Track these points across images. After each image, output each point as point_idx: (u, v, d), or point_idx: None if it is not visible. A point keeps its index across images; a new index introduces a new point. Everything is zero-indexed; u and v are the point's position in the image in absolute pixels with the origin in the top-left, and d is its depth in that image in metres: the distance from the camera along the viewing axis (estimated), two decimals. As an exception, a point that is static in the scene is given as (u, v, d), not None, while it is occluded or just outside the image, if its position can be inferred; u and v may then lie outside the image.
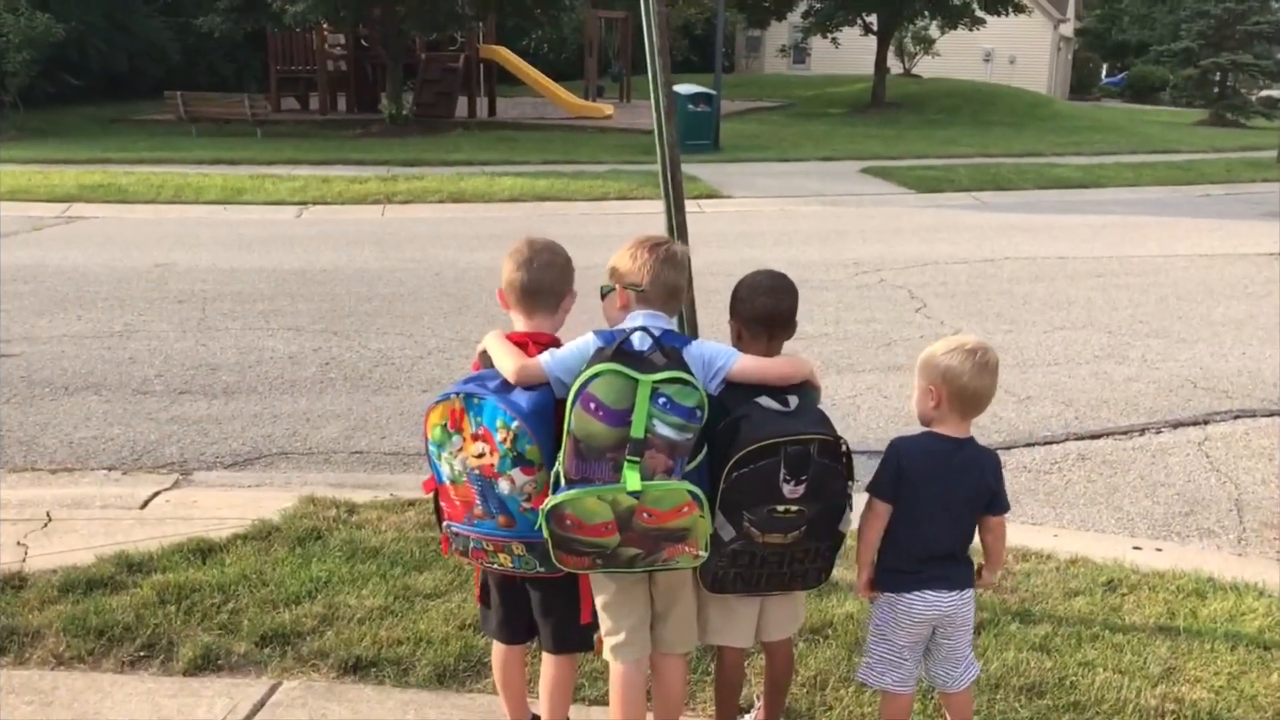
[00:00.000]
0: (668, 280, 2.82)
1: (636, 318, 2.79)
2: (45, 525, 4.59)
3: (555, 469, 2.62)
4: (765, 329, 2.92)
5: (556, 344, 2.83)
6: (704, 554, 2.65)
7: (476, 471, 2.68)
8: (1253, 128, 32.87)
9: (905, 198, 16.20)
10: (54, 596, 3.85)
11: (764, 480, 2.65)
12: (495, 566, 2.80)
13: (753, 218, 14.06)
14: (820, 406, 2.83)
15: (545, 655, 2.99)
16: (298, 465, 5.58)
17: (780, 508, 2.67)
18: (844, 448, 2.71)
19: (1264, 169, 19.79)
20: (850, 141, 23.38)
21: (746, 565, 2.73)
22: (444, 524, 2.84)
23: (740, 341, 2.96)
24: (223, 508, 4.86)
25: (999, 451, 5.62)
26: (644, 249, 2.84)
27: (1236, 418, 6.44)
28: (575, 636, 2.94)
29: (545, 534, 2.60)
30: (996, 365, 2.83)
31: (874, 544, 2.88)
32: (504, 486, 2.67)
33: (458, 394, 2.69)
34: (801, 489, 2.65)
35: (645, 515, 2.57)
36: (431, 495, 2.84)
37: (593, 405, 2.55)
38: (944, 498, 2.80)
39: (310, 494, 4.90)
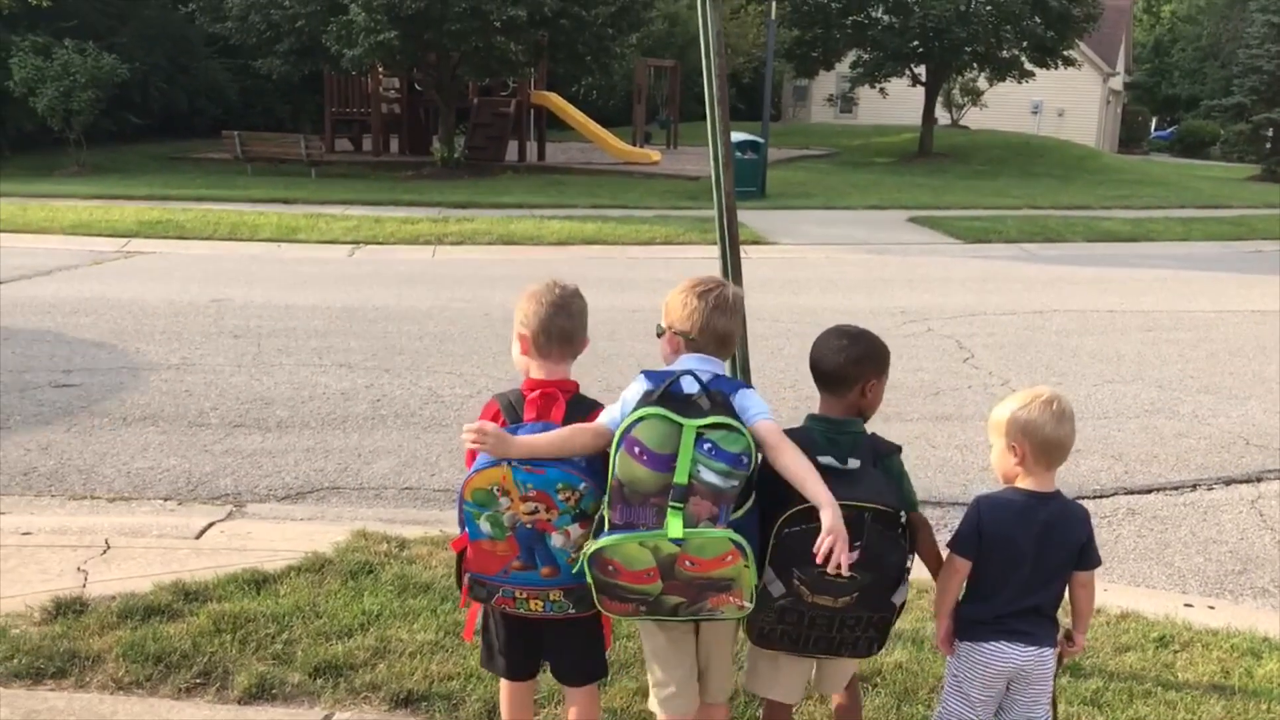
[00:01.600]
0: (717, 327, 2.77)
1: (686, 361, 2.77)
2: (104, 552, 4.68)
3: (600, 513, 2.61)
4: (824, 385, 2.91)
5: (578, 389, 2.85)
6: (749, 605, 2.62)
7: (529, 526, 2.66)
8: (1306, 184, 32.53)
9: (952, 248, 16.18)
10: (113, 622, 3.93)
11: (814, 541, 2.59)
12: (521, 611, 2.78)
13: (799, 264, 14.11)
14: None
15: (570, 692, 2.97)
16: (349, 500, 5.66)
17: (831, 572, 2.62)
18: (902, 519, 2.66)
19: (1318, 226, 19.56)
20: (897, 191, 23.41)
21: (794, 624, 2.70)
22: (466, 574, 2.81)
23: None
24: (276, 540, 4.94)
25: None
26: (694, 294, 2.80)
27: (1290, 476, 6.37)
28: (597, 664, 2.96)
29: (588, 579, 2.60)
30: (1072, 413, 2.83)
31: (952, 599, 2.86)
32: (558, 540, 2.67)
33: (508, 462, 2.65)
34: (856, 554, 2.59)
35: (688, 563, 2.54)
36: (458, 552, 2.81)
37: (636, 449, 2.53)
38: (1031, 553, 2.77)
39: (362, 528, 4.97)
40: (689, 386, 2.63)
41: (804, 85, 46.91)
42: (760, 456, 2.66)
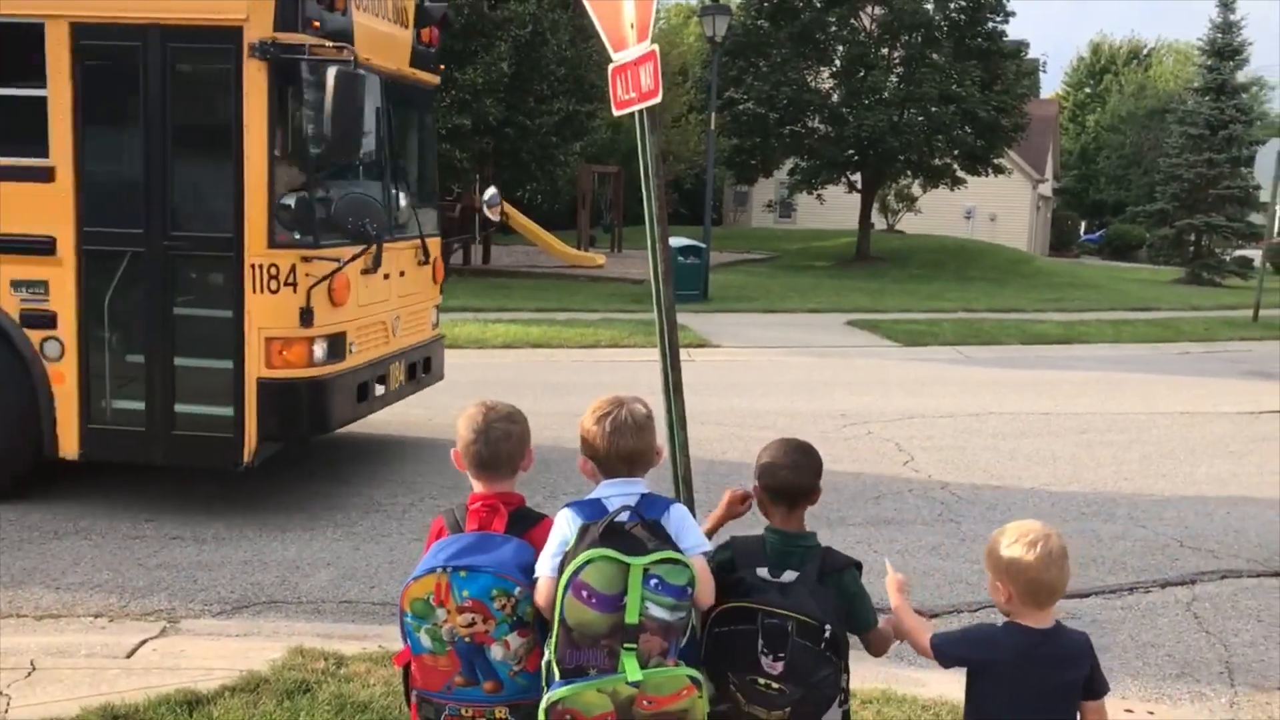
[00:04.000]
0: (622, 448, 2.79)
1: (605, 488, 2.80)
2: (29, 675, 4.55)
3: (547, 658, 2.59)
4: (785, 501, 2.95)
5: (522, 502, 2.88)
6: None
7: (467, 639, 2.65)
8: (1228, 286, 33.72)
9: (891, 350, 16.48)
10: (36, 750, 3.80)
11: (743, 645, 2.65)
12: None
13: (741, 367, 14.26)
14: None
15: None
16: (286, 614, 5.54)
17: (761, 680, 2.66)
18: (827, 633, 2.66)
19: (1241, 328, 20.22)
20: (836, 294, 23.88)
21: None
22: (413, 692, 2.79)
23: (761, 506, 3.00)
24: (210, 658, 4.82)
25: (982, 609, 5.67)
26: (594, 420, 2.84)
27: (1223, 577, 6.48)
28: None
29: None
30: (1064, 550, 2.72)
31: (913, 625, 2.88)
32: (497, 652, 2.66)
33: (444, 568, 2.67)
34: (780, 666, 2.63)
35: (645, 702, 2.54)
36: (402, 667, 2.81)
37: (585, 593, 2.52)
38: (1037, 696, 2.68)
39: (299, 645, 4.88)
40: (625, 518, 2.62)
41: (744, 191, 48.01)
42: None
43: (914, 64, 30.88)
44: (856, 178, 32.96)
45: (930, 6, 31.20)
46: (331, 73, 6.02)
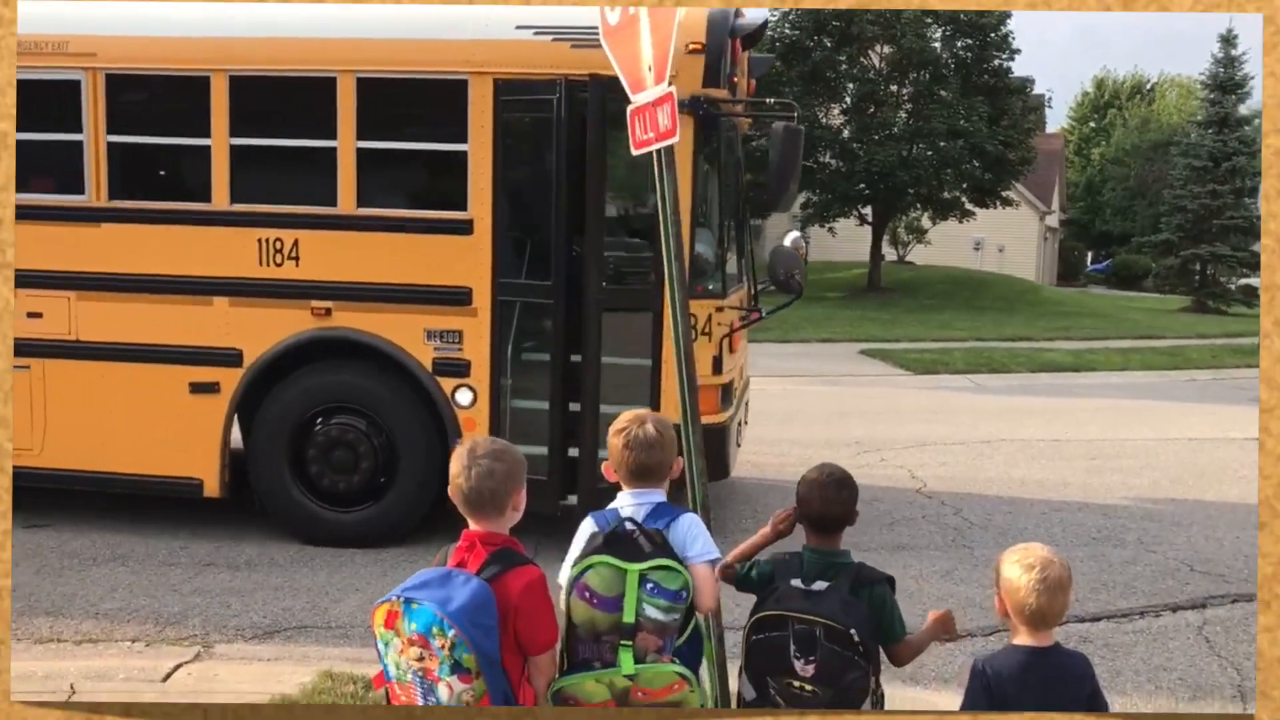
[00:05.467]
0: (633, 463, 2.99)
1: (622, 498, 3.03)
2: (69, 698, 4.68)
3: (559, 647, 2.85)
4: (820, 527, 3.15)
5: (512, 544, 2.86)
6: None
7: (420, 674, 2.71)
8: (1234, 315, 33.69)
9: (903, 379, 16.61)
10: (79, 770, 3.93)
11: (777, 651, 2.89)
12: None
13: (756, 397, 14.23)
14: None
15: None
16: (317, 639, 5.70)
17: (796, 683, 2.88)
18: (854, 637, 2.86)
19: (1247, 355, 20.25)
20: (848, 324, 24.00)
21: None
22: None
23: (802, 525, 3.19)
24: (244, 681, 4.97)
25: (995, 633, 5.77)
26: (613, 434, 3.05)
27: (1234, 601, 6.57)
28: None
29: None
30: (1062, 581, 2.72)
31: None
32: (443, 693, 2.69)
33: (398, 597, 2.72)
34: (812, 669, 2.86)
35: (639, 694, 2.79)
36: (382, 690, 2.86)
37: (588, 594, 2.81)
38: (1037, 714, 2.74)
39: (329, 669, 5.02)
40: (629, 528, 2.89)
41: (758, 224, 48.17)
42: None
43: (922, 100, 31.14)
44: (867, 211, 33.15)
45: (938, 45, 31.51)
46: (779, 128, 6.00)
